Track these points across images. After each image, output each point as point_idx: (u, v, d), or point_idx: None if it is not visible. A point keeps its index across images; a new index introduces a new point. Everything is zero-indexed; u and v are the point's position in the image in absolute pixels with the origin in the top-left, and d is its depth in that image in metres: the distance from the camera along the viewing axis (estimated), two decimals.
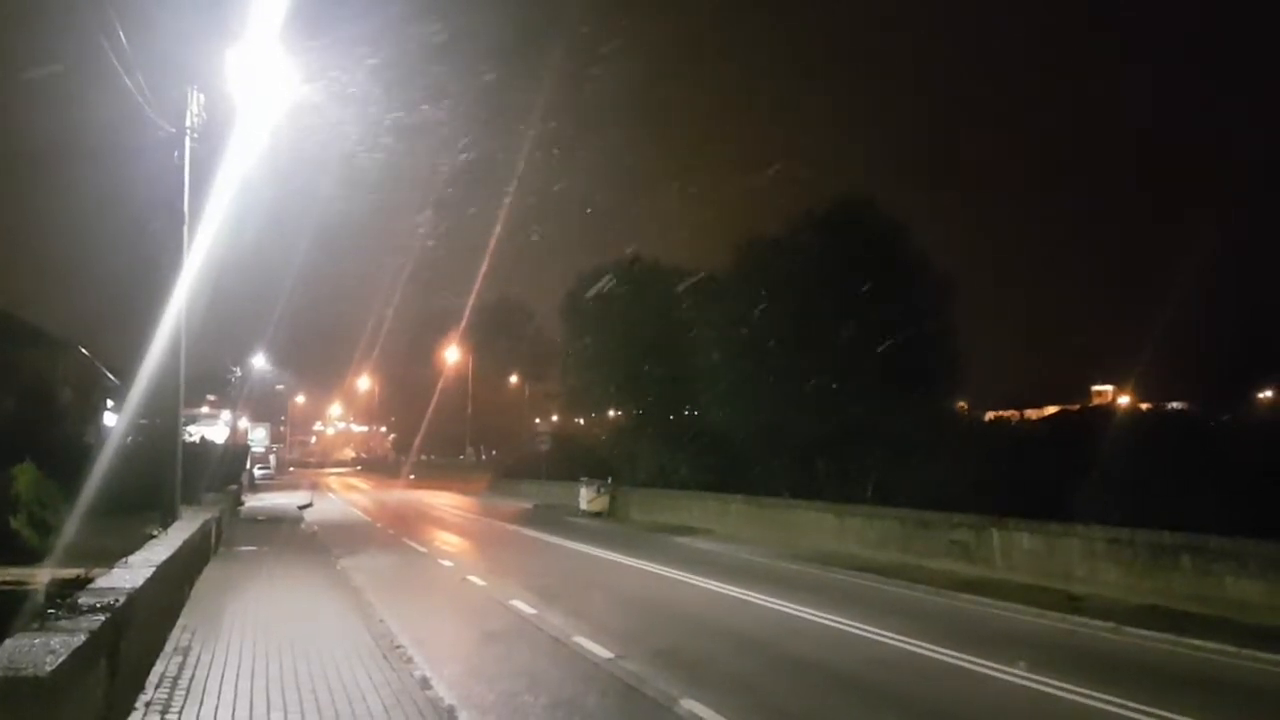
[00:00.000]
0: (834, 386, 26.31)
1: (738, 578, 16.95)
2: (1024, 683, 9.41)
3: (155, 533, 13.52)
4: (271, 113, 15.66)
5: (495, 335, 73.45)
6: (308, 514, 33.98)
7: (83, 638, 5.51)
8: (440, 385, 71.63)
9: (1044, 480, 17.58)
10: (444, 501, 44.89)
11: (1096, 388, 49.05)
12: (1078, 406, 31.21)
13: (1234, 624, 12.04)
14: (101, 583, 7.95)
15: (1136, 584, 14.19)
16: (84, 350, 31.96)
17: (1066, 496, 16.38)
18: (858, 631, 12.15)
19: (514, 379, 79.95)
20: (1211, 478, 15.04)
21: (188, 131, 15.08)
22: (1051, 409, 30.32)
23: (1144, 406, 30.12)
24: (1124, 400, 38.81)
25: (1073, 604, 13.87)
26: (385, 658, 9.92)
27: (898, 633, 11.84)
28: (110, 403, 32.48)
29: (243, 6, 14.52)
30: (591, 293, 37.17)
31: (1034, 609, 13.68)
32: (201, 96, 15.18)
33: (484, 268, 52.33)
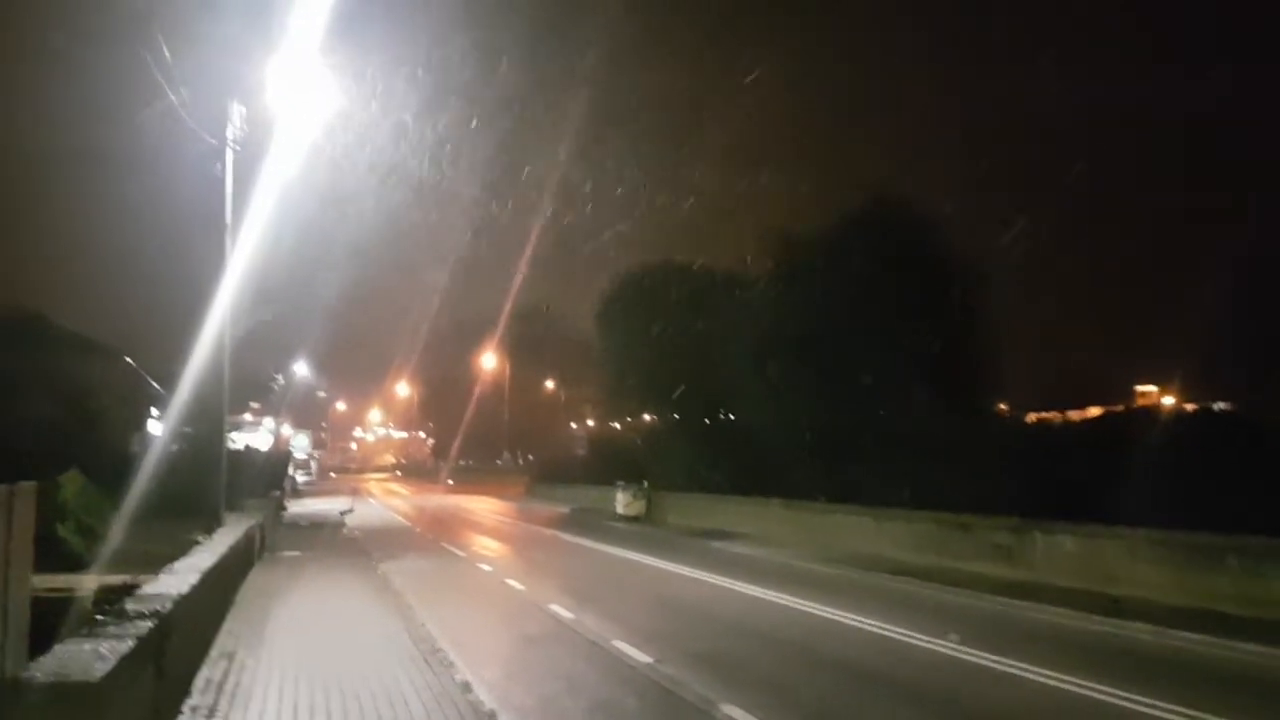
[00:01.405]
0: (870, 388, 26.14)
1: (775, 581, 16.91)
2: (1065, 686, 9.31)
3: (200, 539, 13.73)
4: (311, 123, 15.89)
5: (531, 339, 73.74)
6: (349, 519, 34.31)
7: (131, 644, 5.62)
8: (477, 390, 72.06)
9: (1087, 482, 17.36)
10: (482, 506, 45.16)
11: (1140, 388, 48.26)
12: (1121, 407, 30.68)
13: None
14: (148, 589, 8.09)
15: (1180, 586, 13.98)
16: (129, 359, 32.50)
17: (1109, 499, 16.17)
18: (897, 635, 12.07)
19: (550, 383, 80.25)
20: (1257, 478, 14.78)
21: (229, 143, 15.33)
22: (1095, 410, 29.85)
23: (1189, 407, 29.66)
24: (1168, 401, 38.21)
25: (1115, 606, 13.69)
26: (426, 661, 10.01)
27: (938, 636, 11.76)
28: (155, 411, 32.99)
29: (283, 18, 14.76)
30: (623, 296, 37.30)
31: (1076, 611, 13.53)
32: (243, 109, 15.42)
33: (520, 273, 52.56)
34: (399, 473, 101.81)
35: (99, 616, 6.59)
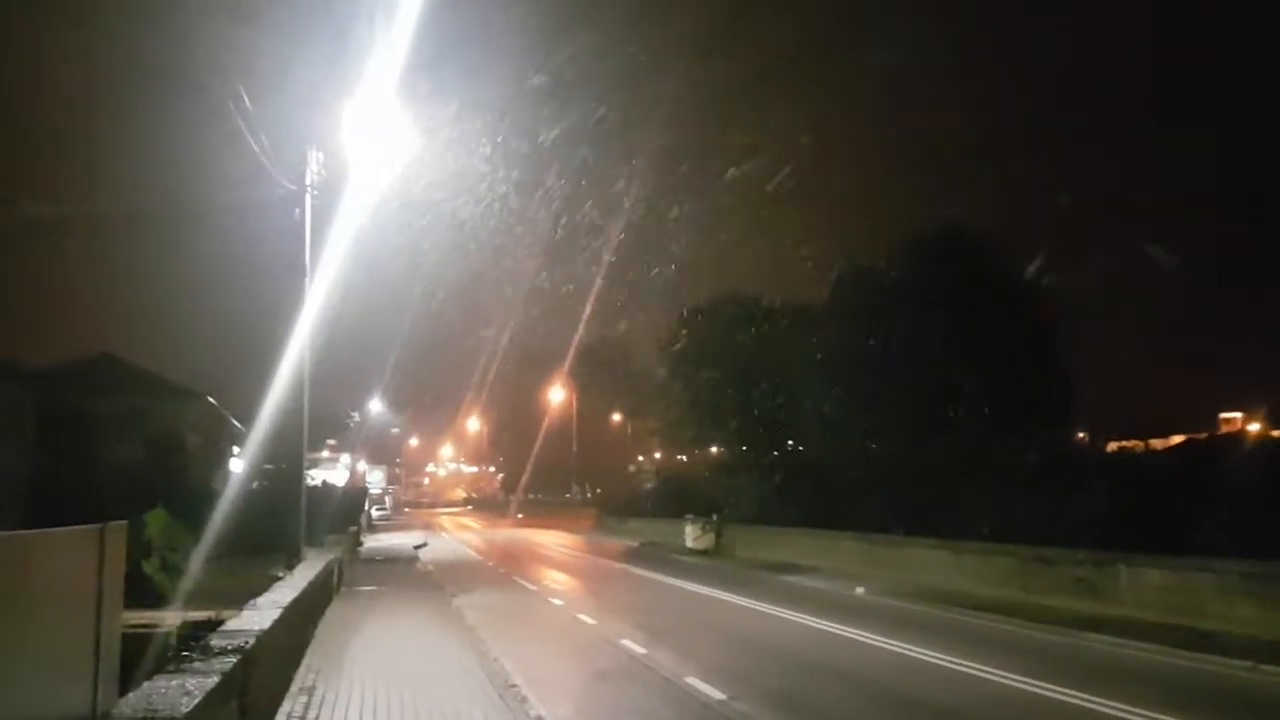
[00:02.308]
0: (942, 418, 25.76)
1: (848, 616, 16.67)
2: None
3: (281, 574, 14.01)
4: (387, 166, 16.30)
5: (597, 374, 74.13)
6: (423, 553, 34.65)
7: (215, 679, 5.77)
8: (545, 425, 72.58)
9: (1172, 514, 16.86)
10: (551, 540, 45.27)
11: (1225, 415, 46.76)
12: (1205, 435, 29.78)
13: None
14: (232, 625, 8.29)
15: (1274, 619, 13.45)
16: (211, 399, 33.45)
17: (1196, 530, 15.68)
18: (977, 672, 11.80)
19: (616, 416, 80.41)
20: None
21: (308, 189, 15.79)
22: (1177, 438, 29.00)
23: (1275, 434, 28.72)
24: (1254, 428, 37.01)
25: (1205, 641, 13.22)
26: (501, 696, 10.06)
27: (1020, 673, 11.46)
28: (236, 449, 33.84)
29: (360, 66, 15.22)
30: (690, 329, 37.42)
31: (1164, 647, 13.08)
32: (320, 155, 15.89)
33: (588, 310, 52.98)
34: (470, 507, 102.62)
35: (185, 652, 6.77)
